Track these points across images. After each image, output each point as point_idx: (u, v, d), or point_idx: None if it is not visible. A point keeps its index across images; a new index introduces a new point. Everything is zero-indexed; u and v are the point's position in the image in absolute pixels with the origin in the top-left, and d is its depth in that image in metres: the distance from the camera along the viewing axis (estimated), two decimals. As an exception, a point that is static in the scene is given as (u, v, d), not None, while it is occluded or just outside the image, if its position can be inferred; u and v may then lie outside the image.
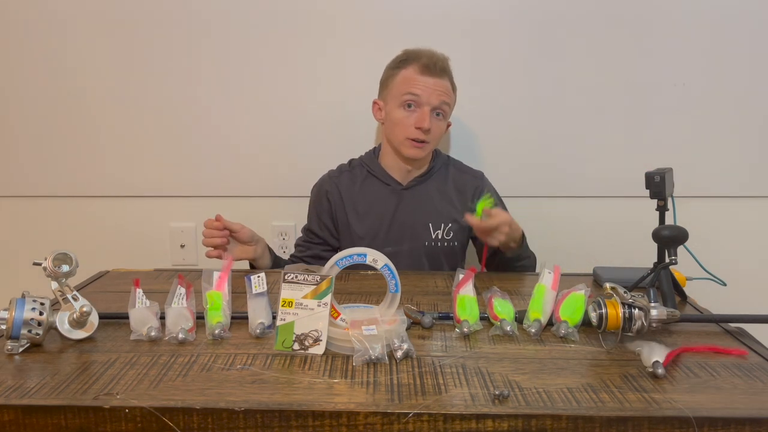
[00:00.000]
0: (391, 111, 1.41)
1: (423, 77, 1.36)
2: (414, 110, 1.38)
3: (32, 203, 1.75)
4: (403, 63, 1.40)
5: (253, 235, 1.35)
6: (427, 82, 1.36)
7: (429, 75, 1.36)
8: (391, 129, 1.42)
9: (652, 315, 0.87)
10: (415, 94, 1.36)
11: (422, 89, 1.36)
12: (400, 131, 1.39)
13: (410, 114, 1.38)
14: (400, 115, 1.38)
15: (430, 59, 1.37)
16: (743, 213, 1.69)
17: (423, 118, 1.36)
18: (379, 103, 1.46)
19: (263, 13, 1.62)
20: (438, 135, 1.42)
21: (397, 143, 1.42)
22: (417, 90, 1.36)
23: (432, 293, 1.16)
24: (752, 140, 1.66)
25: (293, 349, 0.85)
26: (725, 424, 0.68)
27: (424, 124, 1.36)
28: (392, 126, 1.41)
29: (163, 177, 1.73)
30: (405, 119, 1.38)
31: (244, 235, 1.33)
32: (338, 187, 1.48)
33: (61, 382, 0.76)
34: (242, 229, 1.33)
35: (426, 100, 1.36)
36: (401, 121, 1.38)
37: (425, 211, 1.45)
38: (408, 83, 1.37)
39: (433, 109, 1.37)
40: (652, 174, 1.09)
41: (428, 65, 1.36)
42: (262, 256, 1.38)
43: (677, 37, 1.61)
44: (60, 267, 0.89)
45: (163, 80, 1.67)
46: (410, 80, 1.37)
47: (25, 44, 1.66)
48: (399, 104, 1.38)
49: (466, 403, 0.70)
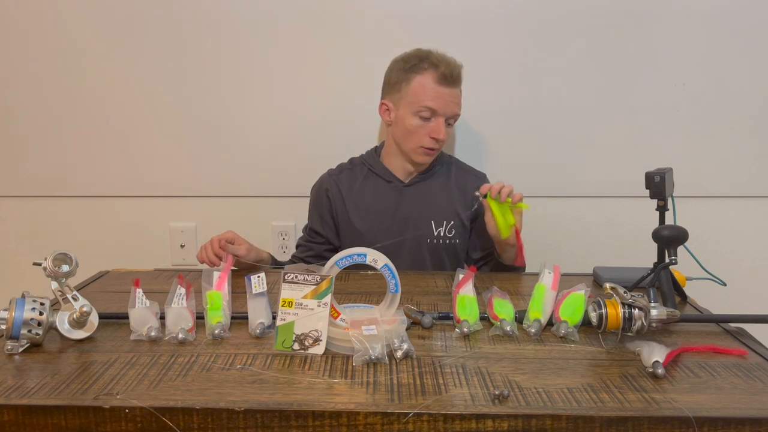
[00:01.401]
0: (405, 117, 1.38)
1: (440, 87, 1.34)
2: (429, 120, 1.36)
3: (32, 203, 1.75)
4: (418, 68, 1.36)
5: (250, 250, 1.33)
6: (443, 93, 1.34)
7: (446, 85, 1.34)
8: (402, 135, 1.40)
9: (652, 315, 0.87)
10: (432, 108, 1.34)
11: (439, 101, 1.34)
12: (414, 139, 1.38)
13: (425, 124, 1.36)
14: (415, 123, 1.36)
15: (447, 68, 1.33)
16: (743, 213, 1.69)
17: (439, 130, 1.35)
18: (388, 104, 1.43)
19: (266, 15, 1.62)
20: (447, 141, 1.42)
21: (408, 150, 1.41)
22: (434, 103, 1.34)
23: (432, 293, 1.16)
24: (752, 140, 1.65)
25: (293, 349, 0.85)
26: (725, 424, 0.68)
27: (440, 136, 1.35)
28: (405, 133, 1.39)
29: (163, 177, 1.73)
30: (420, 128, 1.36)
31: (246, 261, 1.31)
32: (338, 184, 1.48)
33: (61, 382, 0.76)
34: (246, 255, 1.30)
35: (443, 112, 1.35)
36: (416, 130, 1.37)
37: (427, 208, 1.45)
38: (425, 93, 1.34)
39: (447, 118, 1.37)
40: (652, 174, 1.09)
41: (446, 75, 1.33)
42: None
43: (677, 37, 1.61)
44: (60, 267, 0.89)
45: (163, 81, 1.67)
46: (427, 90, 1.34)
47: (24, 44, 1.66)
48: (413, 112, 1.36)
49: (466, 403, 0.70)
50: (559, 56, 1.63)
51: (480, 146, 1.68)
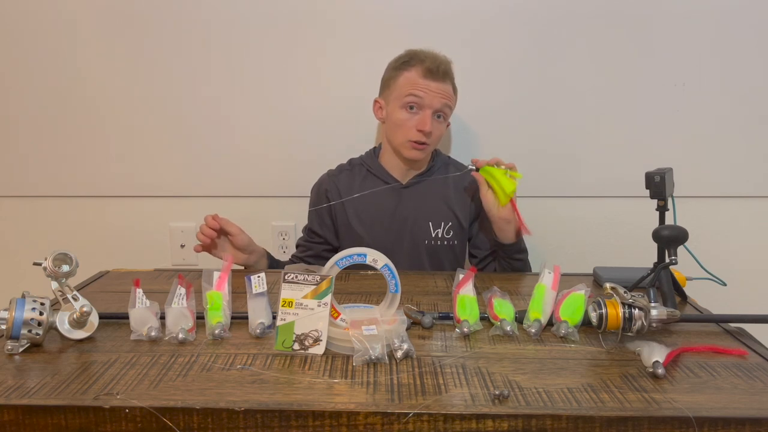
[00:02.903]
0: (393, 112, 1.41)
1: (426, 81, 1.36)
2: (416, 113, 1.38)
3: (32, 203, 1.76)
4: (406, 64, 1.39)
5: (250, 244, 1.35)
6: (429, 85, 1.36)
7: (432, 79, 1.36)
8: (392, 130, 1.43)
9: (652, 315, 0.87)
10: (417, 97, 1.36)
11: (425, 92, 1.36)
12: (401, 133, 1.40)
13: (412, 116, 1.38)
14: (402, 116, 1.39)
15: (433, 62, 1.36)
16: (743, 213, 1.69)
17: (425, 121, 1.36)
18: (380, 102, 1.47)
19: (266, 15, 1.62)
20: (438, 137, 1.42)
21: (397, 144, 1.42)
22: (419, 93, 1.36)
23: (432, 293, 1.16)
24: (752, 140, 1.65)
25: (293, 349, 0.85)
26: (725, 424, 0.68)
27: (425, 127, 1.36)
28: (393, 127, 1.41)
29: (163, 177, 1.73)
30: (407, 121, 1.38)
31: (239, 241, 1.33)
32: (337, 185, 1.48)
33: (61, 382, 0.76)
34: (239, 234, 1.33)
35: (428, 103, 1.36)
36: (403, 123, 1.39)
37: (425, 209, 1.46)
38: (411, 86, 1.37)
39: (435, 111, 1.38)
40: (652, 174, 1.09)
41: (431, 69, 1.36)
42: (254, 265, 1.38)
43: (677, 37, 1.61)
44: (60, 267, 0.89)
45: (163, 81, 1.67)
46: (413, 83, 1.37)
47: (24, 44, 1.66)
48: (401, 106, 1.38)
49: (466, 403, 0.70)
50: (559, 56, 1.63)
51: (480, 146, 1.68)
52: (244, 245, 1.34)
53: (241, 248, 1.34)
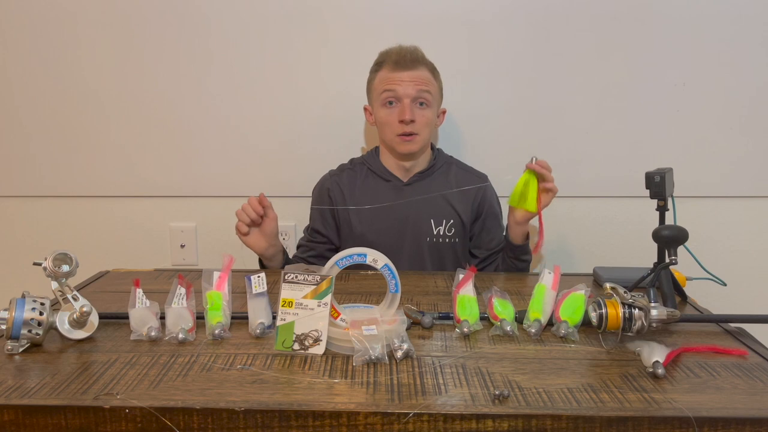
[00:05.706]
0: (377, 112, 1.45)
1: (396, 73, 1.40)
2: (395, 106, 1.41)
3: (32, 203, 1.75)
4: (378, 65, 1.45)
5: (275, 235, 1.36)
6: (400, 76, 1.39)
7: (402, 69, 1.40)
8: (381, 130, 1.46)
9: (652, 315, 0.87)
10: (392, 91, 1.40)
11: (398, 84, 1.39)
12: (388, 130, 1.43)
13: (392, 111, 1.41)
14: (384, 113, 1.42)
15: (398, 54, 1.41)
16: (743, 213, 1.69)
17: (404, 111, 1.39)
18: (368, 108, 1.51)
19: (265, 15, 1.62)
20: (425, 124, 1.42)
21: (389, 142, 1.45)
22: (392, 86, 1.40)
23: (432, 293, 1.16)
24: (752, 140, 1.65)
25: (293, 349, 0.85)
26: (725, 424, 0.68)
27: (405, 116, 1.38)
28: (381, 127, 1.45)
29: (163, 177, 1.73)
30: (388, 116, 1.42)
31: (271, 228, 1.34)
32: (339, 184, 1.49)
33: (61, 382, 0.76)
34: (275, 220, 1.34)
35: (403, 93, 1.39)
36: (386, 120, 1.42)
37: (426, 207, 1.46)
38: (384, 82, 1.41)
39: (414, 99, 1.40)
40: (652, 174, 1.09)
41: (398, 60, 1.40)
42: (271, 258, 1.38)
43: (677, 37, 1.61)
44: (60, 267, 0.89)
45: (163, 81, 1.67)
46: (385, 79, 1.41)
47: (24, 45, 1.66)
48: (381, 104, 1.43)
49: (466, 403, 0.70)
50: (559, 56, 1.63)
51: (479, 146, 1.68)
52: (273, 233, 1.35)
53: (268, 235, 1.34)
